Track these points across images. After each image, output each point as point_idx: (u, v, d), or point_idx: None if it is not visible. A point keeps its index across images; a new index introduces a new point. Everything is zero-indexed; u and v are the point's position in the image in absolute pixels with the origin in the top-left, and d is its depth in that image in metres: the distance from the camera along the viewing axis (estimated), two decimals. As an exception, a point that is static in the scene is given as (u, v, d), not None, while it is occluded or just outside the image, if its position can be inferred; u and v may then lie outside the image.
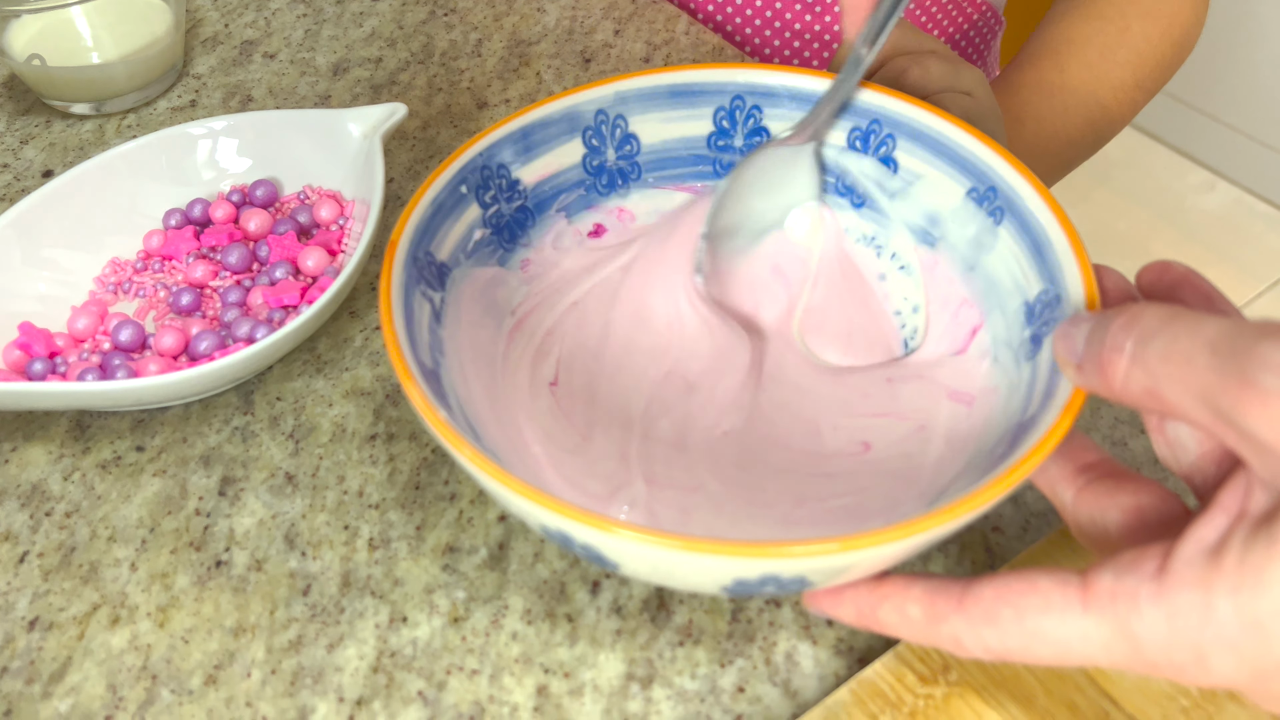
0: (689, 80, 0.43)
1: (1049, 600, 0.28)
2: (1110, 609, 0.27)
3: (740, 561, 0.29)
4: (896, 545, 0.29)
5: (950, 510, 0.29)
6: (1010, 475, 0.30)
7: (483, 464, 0.31)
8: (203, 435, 0.44)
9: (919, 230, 0.42)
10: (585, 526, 0.30)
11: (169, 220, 0.50)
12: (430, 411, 0.32)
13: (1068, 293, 0.35)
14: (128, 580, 0.40)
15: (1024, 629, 0.28)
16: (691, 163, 0.45)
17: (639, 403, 0.41)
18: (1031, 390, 0.35)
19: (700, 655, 0.37)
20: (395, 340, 0.34)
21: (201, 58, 0.63)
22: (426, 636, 0.38)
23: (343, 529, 0.41)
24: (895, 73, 0.47)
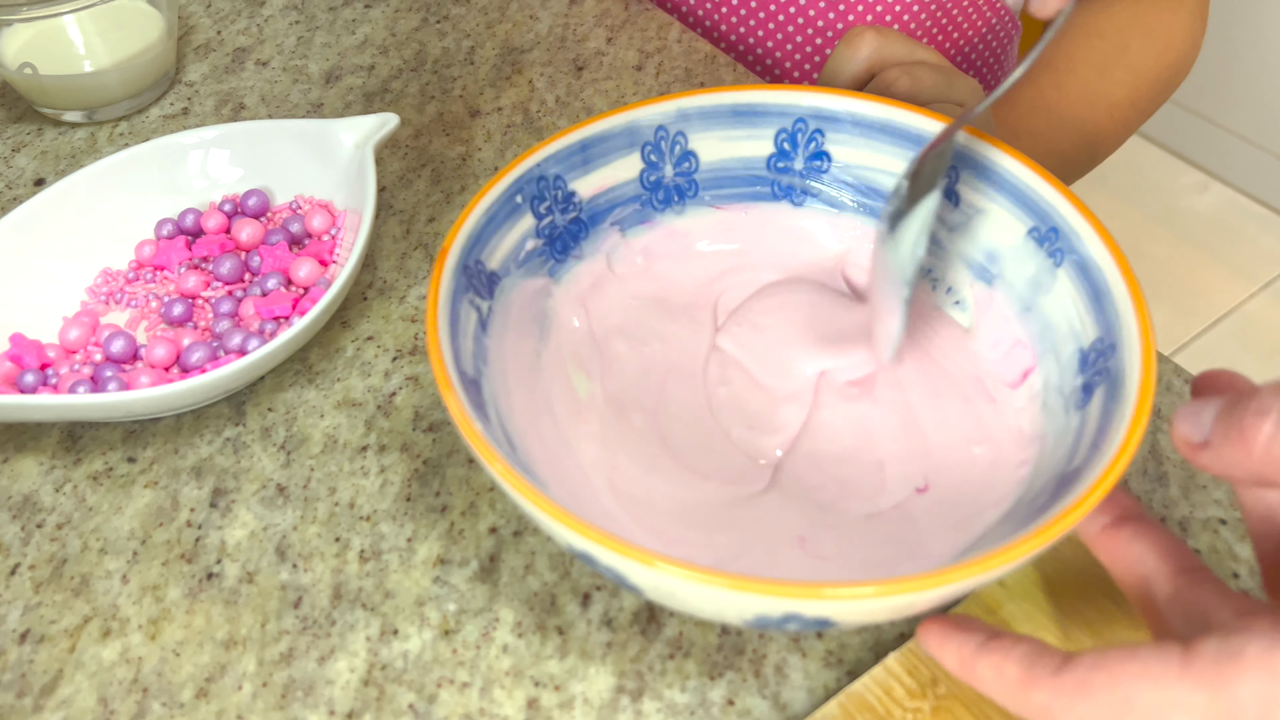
0: (752, 101, 0.43)
1: (1146, 667, 0.27)
2: (1213, 671, 0.26)
3: (765, 600, 0.29)
4: (928, 594, 0.29)
5: (984, 561, 0.29)
6: (1051, 528, 0.30)
7: (514, 480, 0.31)
8: (194, 446, 0.44)
9: (977, 266, 0.42)
10: (611, 552, 0.30)
11: (161, 230, 0.50)
12: (467, 423, 0.32)
13: (1123, 342, 0.35)
14: (119, 592, 0.40)
15: (1117, 697, 0.27)
16: (749, 183, 0.45)
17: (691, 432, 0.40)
18: (1079, 440, 0.34)
19: (690, 668, 0.38)
20: (439, 350, 0.35)
21: (194, 65, 0.63)
22: (417, 649, 0.38)
23: (334, 541, 0.41)
24: (886, 84, 0.47)
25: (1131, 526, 0.32)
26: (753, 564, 0.36)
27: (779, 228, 0.45)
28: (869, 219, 0.44)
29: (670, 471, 0.39)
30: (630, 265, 0.45)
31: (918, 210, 0.39)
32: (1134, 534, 0.32)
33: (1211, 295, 1.63)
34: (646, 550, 0.30)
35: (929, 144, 0.40)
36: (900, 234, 0.39)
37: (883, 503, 0.38)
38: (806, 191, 0.45)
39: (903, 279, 0.38)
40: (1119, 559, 0.32)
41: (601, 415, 0.41)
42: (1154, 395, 0.33)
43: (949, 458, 0.39)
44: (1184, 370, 0.46)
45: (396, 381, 0.46)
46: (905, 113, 0.42)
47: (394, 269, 0.51)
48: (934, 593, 0.29)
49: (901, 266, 0.38)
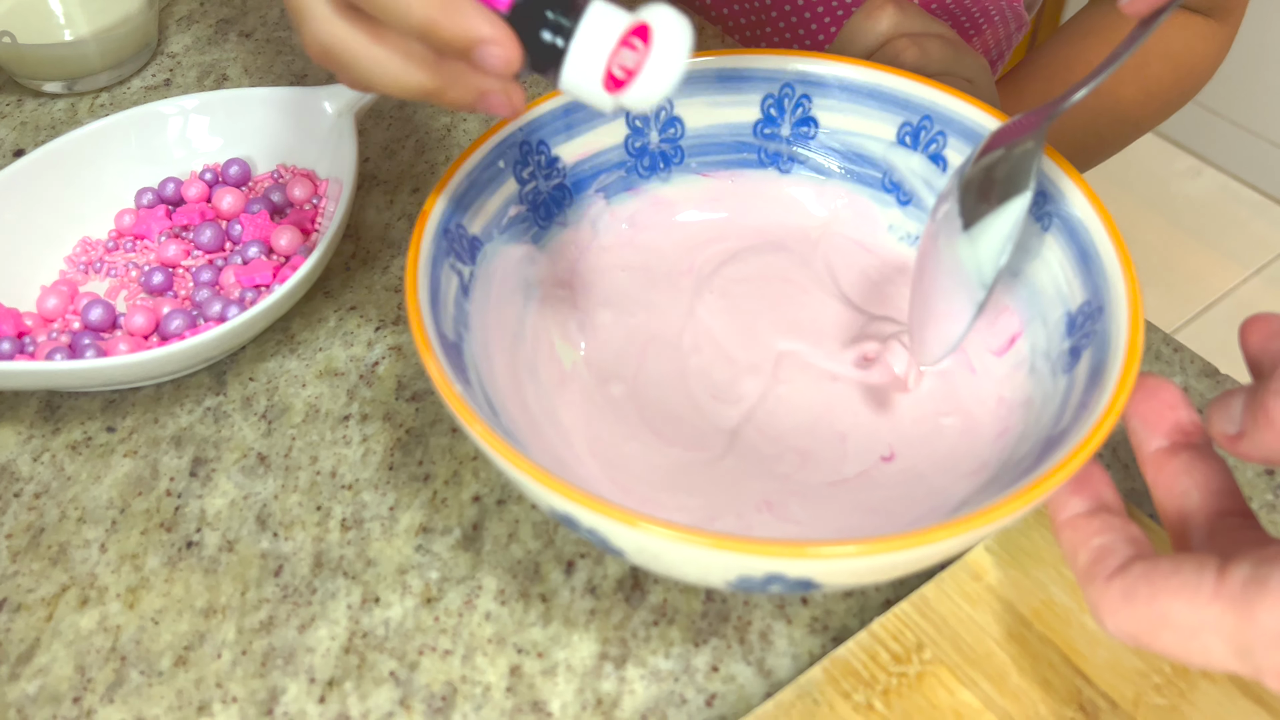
0: (738, 65, 0.43)
1: (1184, 583, 0.26)
2: (1241, 596, 0.25)
3: (748, 559, 0.29)
4: (912, 553, 0.29)
5: (968, 521, 0.29)
6: (1034, 489, 0.29)
7: (493, 441, 0.31)
8: (174, 416, 0.44)
9: None
10: (593, 513, 0.29)
11: (141, 199, 0.49)
12: (446, 385, 0.32)
13: (1111, 306, 0.34)
14: (97, 561, 0.40)
15: (1155, 610, 0.27)
16: (735, 149, 0.44)
17: (676, 396, 0.40)
18: (1065, 403, 0.34)
19: (674, 634, 0.37)
20: (418, 312, 0.34)
21: (176, 36, 0.62)
22: (399, 617, 0.38)
23: (315, 510, 0.41)
24: (894, 53, 0.46)
25: (1186, 456, 0.31)
26: (725, 526, 0.36)
27: (766, 196, 0.45)
28: (855, 185, 0.44)
29: (644, 439, 0.39)
30: (615, 233, 0.44)
31: (1006, 210, 0.35)
32: (1186, 465, 0.30)
33: (1205, 280, 1.63)
34: (629, 510, 0.29)
35: (997, 134, 0.37)
36: (981, 233, 0.36)
37: (846, 471, 0.37)
38: (793, 158, 0.44)
39: (979, 281, 0.35)
40: (1164, 487, 0.31)
41: (584, 385, 0.40)
42: (1142, 353, 0.32)
43: (914, 430, 0.38)
44: (1172, 339, 0.46)
45: (379, 351, 0.46)
46: (893, 78, 0.42)
47: (377, 239, 0.50)
48: (918, 552, 0.29)
49: (980, 269, 0.35)
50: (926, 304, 0.38)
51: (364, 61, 0.32)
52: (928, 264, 0.38)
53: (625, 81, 0.30)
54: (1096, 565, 0.28)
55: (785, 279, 0.43)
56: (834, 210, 0.44)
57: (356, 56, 0.32)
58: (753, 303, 0.43)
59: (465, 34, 0.30)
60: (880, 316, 0.42)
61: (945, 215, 0.37)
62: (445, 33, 0.30)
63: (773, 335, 0.42)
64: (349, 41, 0.32)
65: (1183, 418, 0.31)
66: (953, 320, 0.36)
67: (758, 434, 0.39)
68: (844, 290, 0.43)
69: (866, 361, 0.40)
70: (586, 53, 0.30)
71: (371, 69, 0.32)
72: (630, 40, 0.30)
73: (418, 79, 0.32)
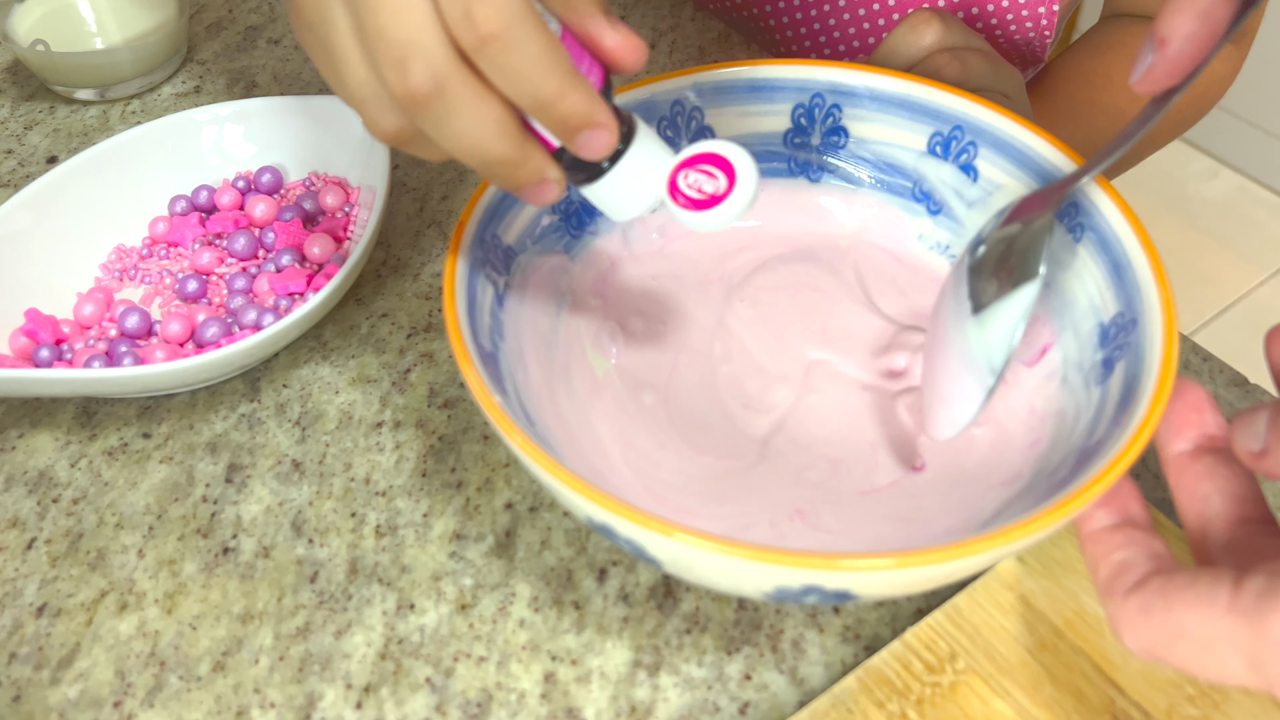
0: (769, 75, 0.43)
1: (1199, 596, 0.26)
2: (1255, 609, 0.25)
3: (786, 570, 0.29)
4: (948, 565, 0.29)
5: (1005, 534, 0.29)
6: (1070, 502, 0.29)
7: (533, 451, 0.31)
8: (209, 422, 0.44)
9: None
10: (632, 524, 0.30)
11: (175, 207, 0.50)
12: (486, 396, 0.32)
13: (1145, 317, 0.34)
14: (135, 567, 0.40)
15: (1170, 623, 0.27)
16: (766, 159, 0.45)
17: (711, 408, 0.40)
18: (1100, 415, 0.34)
19: (707, 643, 0.38)
20: (456, 322, 0.34)
21: (206, 43, 0.63)
22: (434, 624, 0.38)
23: (350, 516, 0.41)
24: (935, 68, 0.46)
25: (1210, 460, 0.30)
26: (759, 535, 0.36)
27: (796, 205, 0.45)
28: (886, 195, 0.44)
29: (676, 447, 0.39)
30: (646, 243, 0.44)
31: (1016, 297, 0.35)
32: (1209, 470, 0.30)
33: (1222, 282, 1.62)
34: (666, 521, 0.29)
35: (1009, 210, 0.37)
36: (990, 318, 0.35)
37: (878, 480, 0.38)
38: (823, 168, 0.45)
39: (989, 367, 0.35)
40: (1186, 490, 0.31)
41: (616, 394, 0.41)
42: (1176, 365, 0.32)
43: (946, 440, 0.39)
44: (1201, 348, 0.46)
45: (411, 358, 0.46)
46: (924, 88, 0.42)
47: (408, 246, 0.51)
48: (955, 564, 0.29)
49: (990, 355, 0.35)
50: (936, 383, 0.37)
51: (464, 115, 0.29)
52: (938, 341, 0.38)
53: (703, 204, 0.33)
54: (1116, 580, 0.29)
55: (815, 288, 0.44)
56: (864, 220, 0.45)
57: (460, 106, 0.29)
58: (783, 312, 0.43)
59: (586, 113, 0.29)
60: (910, 326, 0.42)
61: (955, 294, 0.37)
62: (569, 107, 0.29)
63: (803, 344, 0.42)
64: (459, 89, 0.29)
65: (1208, 421, 0.31)
66: (963, 403, 0.36)
67: (789, 443, 0.39)
68: (874, 300, 0.43)
69: (895, 375, 0.41)
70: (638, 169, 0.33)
71: (469, 126, 0.29)
72: (702, 167, 0.33)
73: (503, 148, 0.30)
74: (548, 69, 0.29)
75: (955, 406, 0.36)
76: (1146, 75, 0.33)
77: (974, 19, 0.62)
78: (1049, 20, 0.62)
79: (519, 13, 0.28)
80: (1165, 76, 0.33)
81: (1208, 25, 0.31)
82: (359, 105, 0.31)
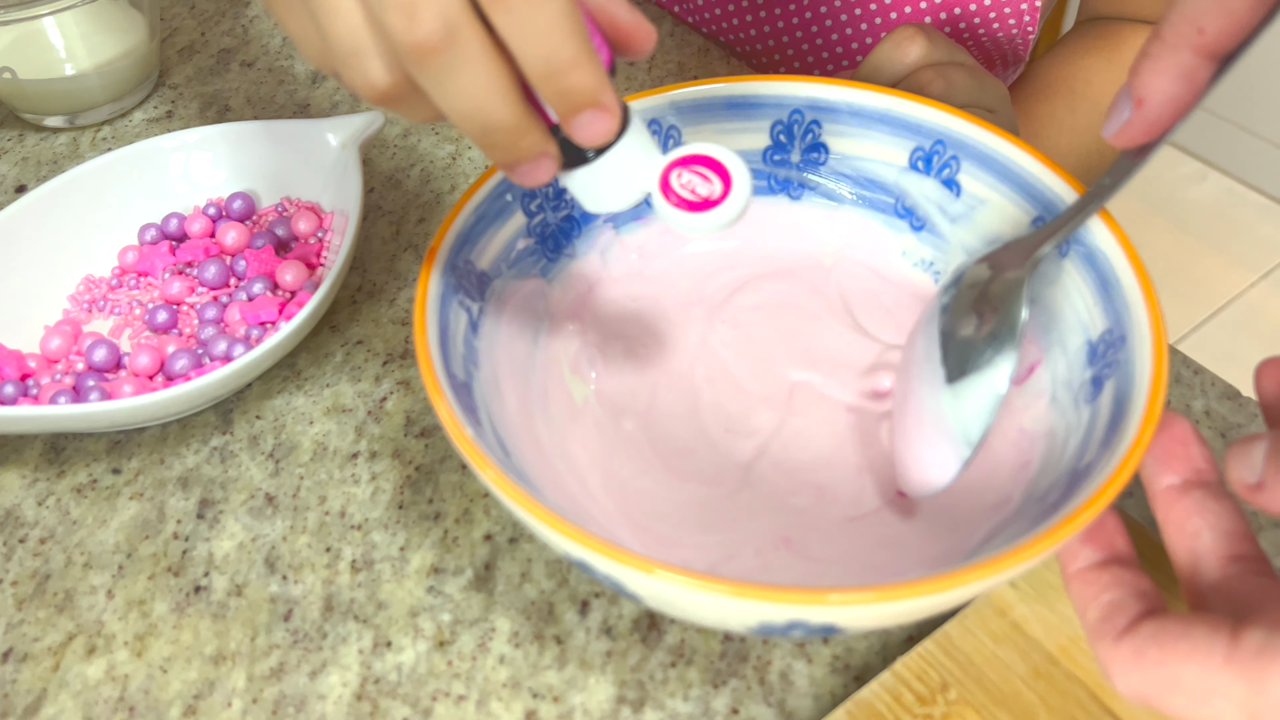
0: (746, 92, 0.42)
1: (1195, 647, 0.26)
2: (1253, 664, 0.25)
3: (769, 606, 0.28)
4: (936, 598, 0.28)
5: (993, 564, 0.28)
6: (1059, 530, 0.28)
7: (507, 486, 0.30)
8: (180, 456, 0.43)
9: None
10: (610, 560, 0.29)
11: (144, 235, 0.49)
12: (458, 429, 0.31)
13: (1134, 334, 0.33)
14: (104, 608, 0.39)
15: (1165, 673, 0.26)
16: None
17: (690, 435, 0.39)
18: (1089, 436, 0.33)
19: (693, 676, 0.37)
20: (427, 353, 0.33)
21: (178, 67, 0.62)
22: (411, 661, 0.37)
23: (324, 551, 0.40)
24: (919, 84, 0.45)
25: (1199, 495, 0.30)
26: (744, 565, 0.35)
27: (777, 223, 0.44)
28: (868, 211, 0.43)
29: (657, 474, 0.38)
30: (625, 264, 0.44)
31: (991, 373, 0.34)
32: (1198, 505, 0.29)
33: (1212, 285, 1.62)
34: (645, 557, 0.29)
35: (1004, 250, 0.36)
36: (965, 391, 0.34)
37: (865, 505, 0.37)
38: (804, 184, 0.44)
39: (965, 440, 0.34)
40: (1175, 526, 0.30)
41: (596, 419, 0.40)
42: (1166, 386, 0.31)
43: None
44: (1192, 361, 0.45)
45: (387, 386, 0.45)
46: (904, 102, 0.41)
47: (383, 271, 0.50)
48: (943, 596, 0.28)
49: (965, 429, 0.34)
50: (909, 442, 0.36)
51: (473, 70, 0.27)
52: (910, 398, 0.36)
53: (697, 205, 0.32)
54: (1106, 622, 0.28)
55: (798, 307, 0.43)
56: (846, 237, 0.44)
57: (470, 60, 0.27)
58: (765, 332, 0.42)
59: (594, 90, 0.28)
60: (894, 345, 0.41)
61: (927, 351, 0.35)
62: (581, 79, 0.27)
63: (786, 365, 0.41)
64: (471, 40, 0.26)
65: (1195, 455, 0.30)
66: (938, 470, 0.35)
67: (773, 468, 0.38)
68: (857, 318, 0.42)
69: (879, 396, 0.40)
70: (624, 161, 0.31)
71: (476, 83, 0.27)
72: (696, 168, 0.32)
73: (508, 113, 0.28)
74: (568, 33, 0.26)
75: (930, 471, 0.35)
76: (1123, 130, 0.32)
77: (956, 19, 0.61)
78: (1031, 17, 0.62)
79: None
80: (1142, 135, 0.32)
81: (1189, 88, 0.30)
82: (347, 58, 0.28)
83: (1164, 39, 0.30)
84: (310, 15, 0.28)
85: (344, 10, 0.27)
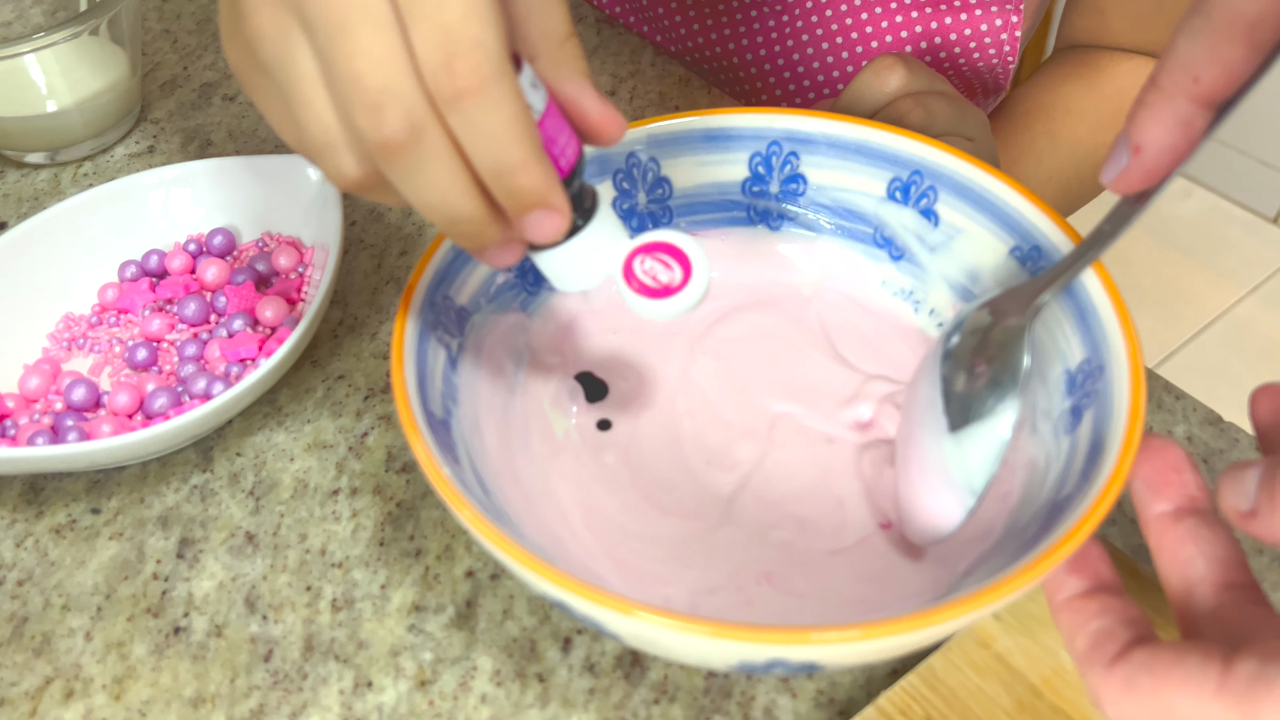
0: (725, 124, 0.42)
1: (1188, 677, 0.26)
2: (1247, 695, 0.25)
3: (749, 646, 0.28)
4: (916, 635, 0.28)
5: (974, 599, 0.28)
6: (1040, 563, 0.28)
7: (484, 528, 0.30)
8: (160, 495, 0.43)
9: (959, 287, 0.41)
10: (588, 601, 0.28)
11: (124, 272, 0.48)
12: (434, 469, 0.31)
13: (1111, 364, 0.33)
14: (82, 651, 0.39)
15: (1159, 702, 0.26)
16: (725, 208, 0.44)
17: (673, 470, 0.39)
18: (1069, 466, 0.33)
19: (676, 713, 0.36)
20: (405, 391, 0.33)
21: (160, 102, 0.62)
22: (393, 702, 0.37)
23: (305, 590, 0.40)
24: (899, 113, 0.45)
25: (1192, 522, 0.29)
26: (726, 601, 0.35)
27: (756, 254, 0.44)
28: (847, 242, 0.43)
29: (638, 509, 0.38)
30: (606, 297, 0.44)
31: (994, 422, 0.34)
32: (1191, 532, 0.29)
33: (1200, 301, 1.62)
34: (623, 598, 0.28)
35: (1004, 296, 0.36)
36: (969, 439, 0.34)
37: (846, 538, 0.37)
38: (783, 215, 0.44)
39: (969, 489, 0.34)
40: (1168, 554, 0.29)
41: (577, 454, 0.39)
42: (1144, 417, 0.31)
43: None
44: (1174, 386, 0.45)
45: (368, 421, 0.45)
46: (881, 133, 0.41)
47: (365, 304, 0.50)
48: (924, 633, 0.28)
49: (969, 477, 0.34)
50: (914, 490, 0.36)
51: (436, 167, 0.28)
52: (913, 445, 0.36)
53: (655, 292, 0.33)
54: (1096, 650, 0.28)
55: (778, 338, 0.43)
56: (826, 267, 0.44)
57: (434, 158, 0.28)
58: (746, 364, 0.42)
59: (542, 193, 0.28)
60: (876, 375, 0.41)
61: (930, 399, 0.35)
62: (527, 182, 0.28)
63: (767, 397, 0.41)
64: (434, 140, 0.27)
65: (1188, 482, 0.30)
66: (943, 518, 0.34)
67: (754, 501, 0.38)
68: (838, 348, 0.42)
69: (861, 427, 0.40)
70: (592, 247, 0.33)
71: (439, 179, 0.28)
72: (658, 255, 0.33)
73: (469, 209, 0.29)
74: (517, 136, 0.27)
75: (935, 519, 0.35)
76: (1121, 178, 0.32)
77: (937, 48, 0.62)
78: (1011, 46, 0.62)
79: (498, 70, 0.27)
80: (1140, 182, 0.32)
81: (1186, 136, 0.30)
82: (320, 150, 0.29)
83: (1160, 87, 0.30)
84: (286, 107, 0.29)
85: (317, 107, 0.28)
